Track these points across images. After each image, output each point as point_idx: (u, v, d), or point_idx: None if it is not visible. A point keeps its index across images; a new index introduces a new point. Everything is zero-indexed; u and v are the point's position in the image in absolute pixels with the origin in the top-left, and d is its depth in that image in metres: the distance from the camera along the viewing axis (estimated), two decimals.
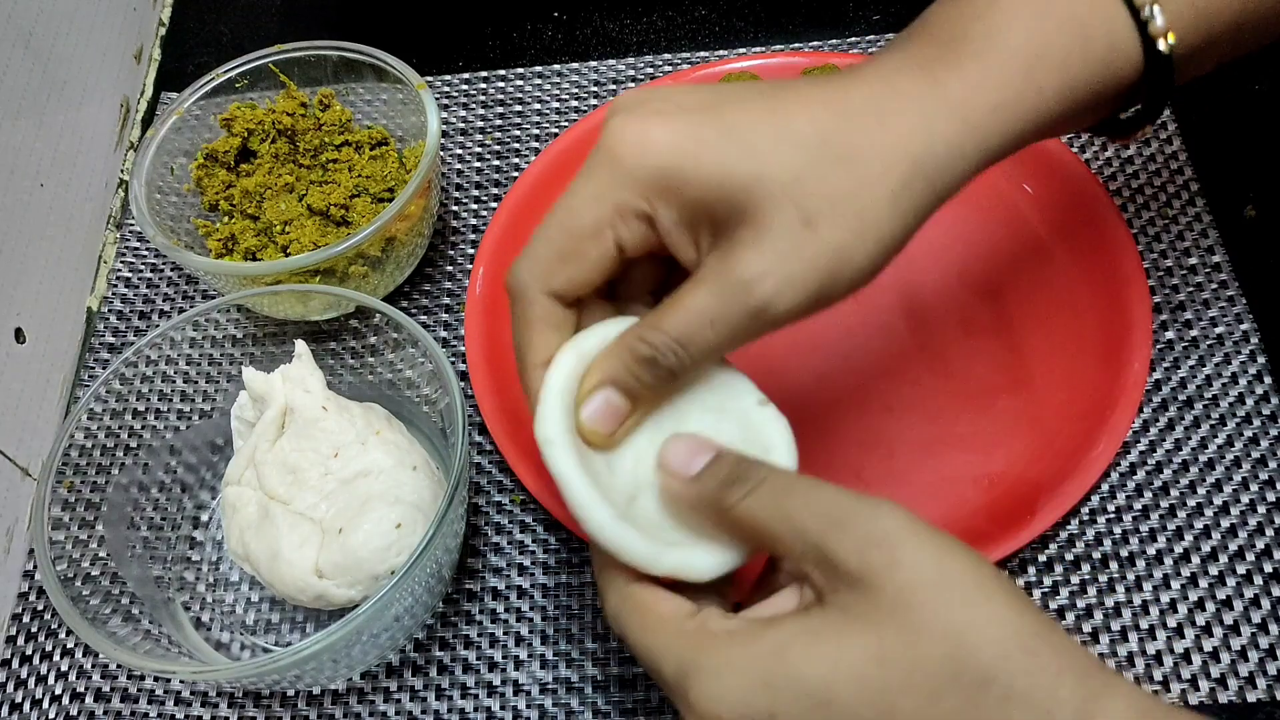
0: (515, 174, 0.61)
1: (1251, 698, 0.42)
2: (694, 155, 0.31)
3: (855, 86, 0.32)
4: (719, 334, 0.31)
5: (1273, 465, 0.47)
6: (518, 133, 0.62)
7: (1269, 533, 0.45)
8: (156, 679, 0.47)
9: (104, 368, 0.54)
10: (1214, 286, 0.52)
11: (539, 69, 0.65)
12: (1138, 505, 0.47)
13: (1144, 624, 0.44)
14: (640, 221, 0.32)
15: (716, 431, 0.34)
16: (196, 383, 0.50)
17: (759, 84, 0.33)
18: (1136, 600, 0.44)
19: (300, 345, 0.47)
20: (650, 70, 0.64)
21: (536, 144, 0.62)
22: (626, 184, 0.32)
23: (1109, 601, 0.45)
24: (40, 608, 0.49)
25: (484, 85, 0.65)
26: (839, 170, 0.31)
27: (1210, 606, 0.44)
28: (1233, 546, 0.45)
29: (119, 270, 0.60)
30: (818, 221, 0.30)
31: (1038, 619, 0.28)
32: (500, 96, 0.64)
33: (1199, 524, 0.46)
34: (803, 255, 0.31)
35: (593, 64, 0.65)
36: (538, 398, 0.34)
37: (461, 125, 0.63)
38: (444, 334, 0.55)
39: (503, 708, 0.45)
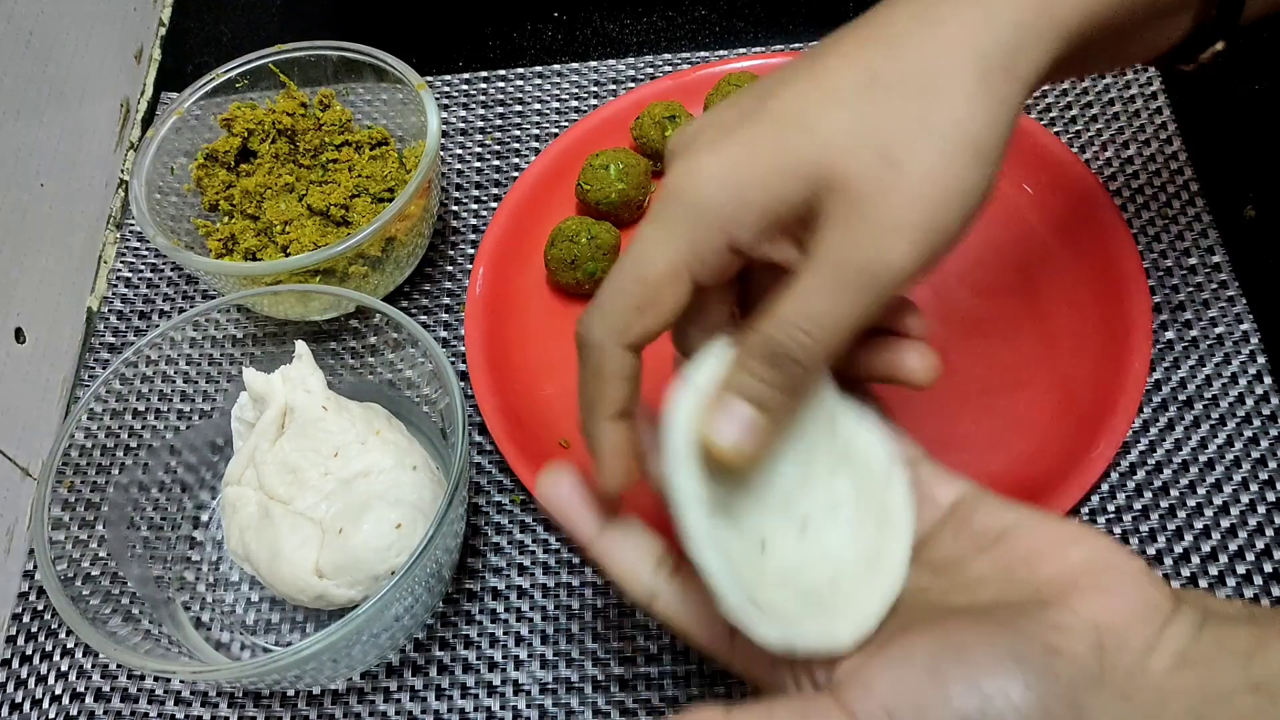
0: (515, 174, 0.61)
1: None
2: (753, 171, 0.29)
3: (894, 8, 0.30)
4: (844, 312, 0.29)
5: (1273, 465, 0.47)
6: (518, 133, 0.62)
7: (1269, 533, 0.45)
8: (156, 679, 0.47)
9: (104, 368, 0.54)
10: (1214, 286, 0.52)
11: (539, 69, 0.65)
12: (1138, 505, 0.47)
13: None
14: (722, 253, 0.30)
15: (833, 506, 0.32)
16: (196, 383, 0.50)
17: (799, 60, 0.32)
18: None
19: (300, 346, 0.47)
20: (650, 70, 0.64)
21: (536, 144, 0.62)
22: (700, 222, 0.30)
23: None
24: (40, 608, 0.49)
25: (484, 85, 0.65)
26: (903, 98, 0.28)
27: None
28: (1233, 546, 0.45)
29: (119, 270, 0.60)
30: (901, 159, 0.28)
31: None
32: (500, 96, 0.64)
33: (1199, 524, 0.46)
34: (901, 200, 0.28)
35: (593, 64, 0.65)
36: (609, 451, 0.32)
37: (461, 125, 0.63)
38: (444, 334, 0.55)
39: (503, 708, 0.45)
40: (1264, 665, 0.28)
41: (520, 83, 0.64)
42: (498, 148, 0.62)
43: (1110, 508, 0.47)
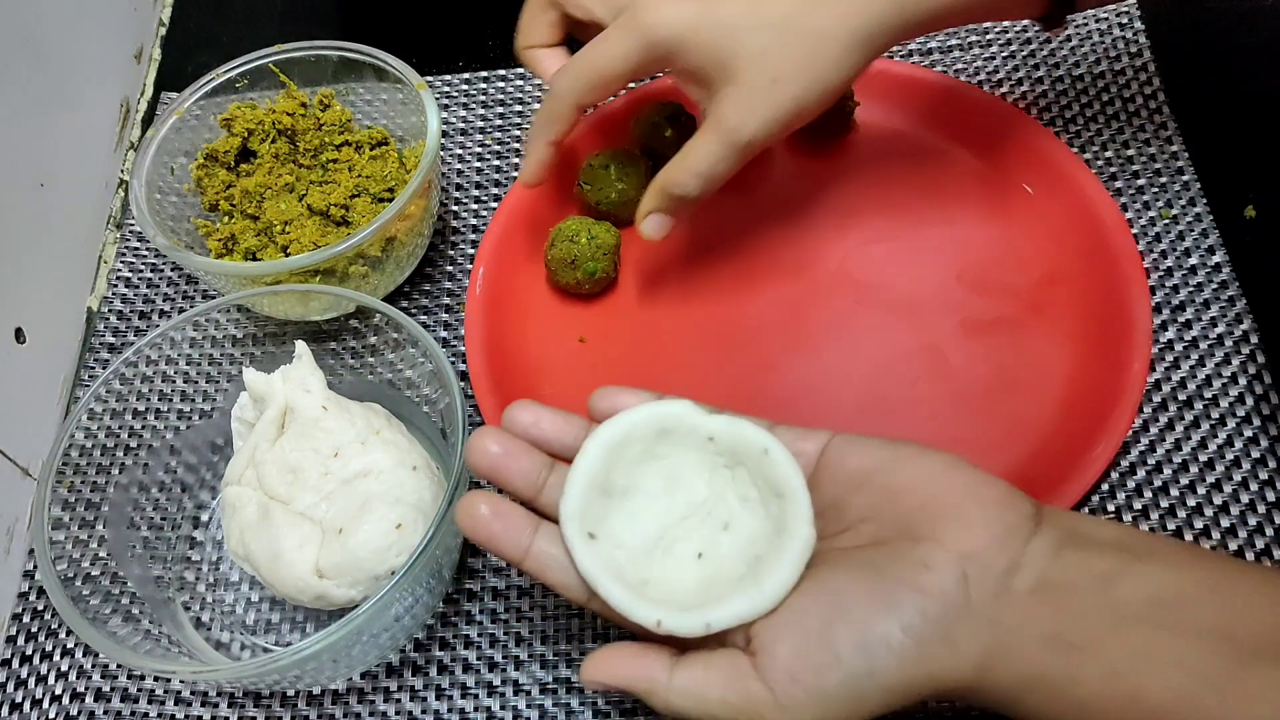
0: (515, 174, 0.60)
1: None
2: (694, 31, 0.44)
3: None
4: (725, 164, 0.45)
5: (1273, 465, 0.47)
6: (518, 133, 0.62)
7: (1269, 532, 0.45)
8: (156, 679, 0.47)
9: (104, 368, 0.54)
10: (1214, 286, 0.52)
11: None
12: (1138, 505, 0.47)
13: None
14: (652, 68, 0.46)
15: (744, 499, 0.37)
16: (196, 383, 0.50)
17: None
18: None
19: (301, 346, 0.47)
20: None
21: None
22: (645, 47, 0.44)
23: None
24: (40, 608, 0.49)
25: (484, 85, 0.65)
26: (797, 43, 0.43)
27: None
28: (1233, 546, 0.45)
29: (119, 270, 0.60)
30: (781, 81, 0.44)
31: None
32: (500, 96, 0.64)
33: (1199, 524, 0.46)
34: (771, 105, 0.44)
35: None
36: (536, 161, 0.50)
37: (461, 125, 0.63)
38: (444, 334, 0.55)
39: (503, 708, 0.45)
40: (1120, 590, 0.31)
41: (520, 83, 0.64)
42: (498, 148, 0.62)
43: (1110, 507, 0.47)
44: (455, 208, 0.60)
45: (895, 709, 0.32)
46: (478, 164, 0.61)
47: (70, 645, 0.48)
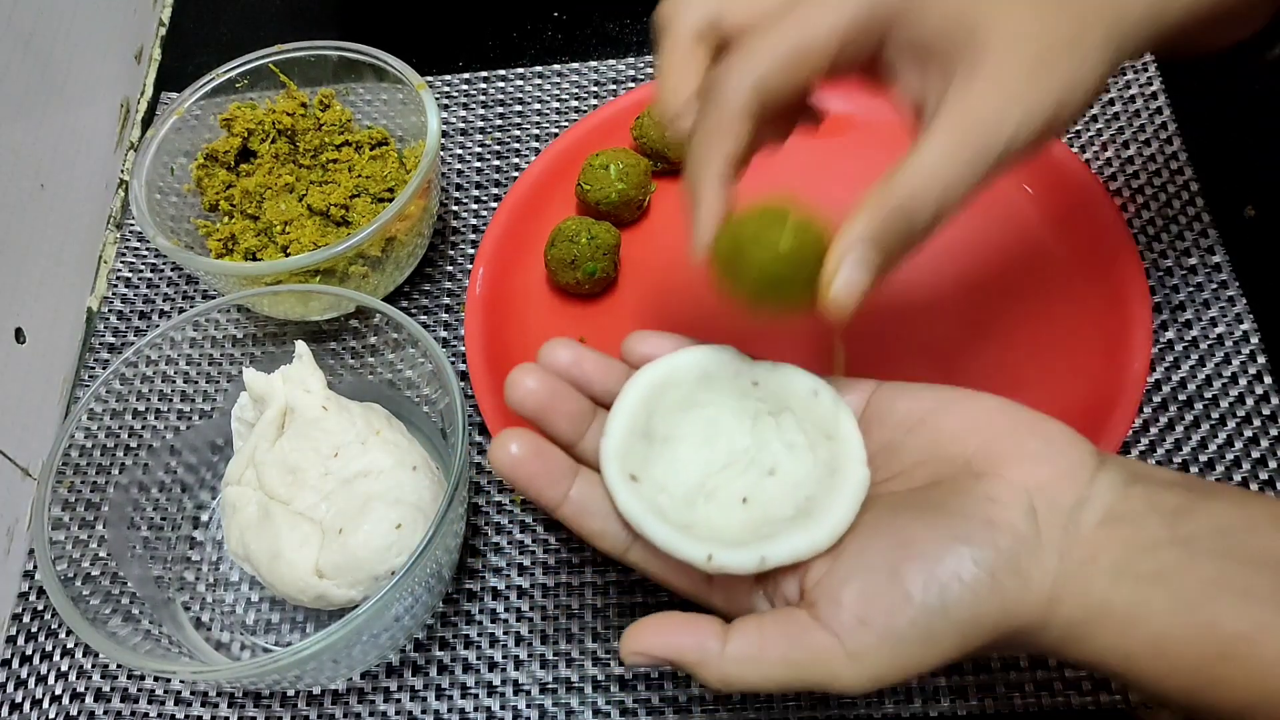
0: (515, 174, 0.61)
1: None
2: None
3: None
4: (973, 178, 0.32)
5: (1273, 465, 0.47)
6: (518, 133, 0.62)
7: None
8: (156, 679, 0.47)
9: (104, 368, 0.54)
10: (1214, 286, 0.52)
11: (539, 69, 0.65)
12: None
13: None
14: (867, 40, 0.33)
15: (790, 446, 0.36)
16: (196, 383, 0.50)
17: None
18: None
19: (301, 346, 0.47)
20: (650, 70, 0.64)
21: (536, 144, 0.62)
22: (866, 7, 0.33)
23: None
24: (40, 608, 0.49)
25: (484, 85, 0.65)
26: (1060, 21, 0.32)
27: None
28: None
29: (119, 270, 0.60)
30: (1045, 66, 0.32)
31: None
32: (500, 96, 0.64)
33: None
34: (1035, 96, 0.32)
35: (593, 64, 0.65)
36: (707, 214, 0.35)
37: (461, 125, 0.63)
38: (444, 334, 0.55)
39: (503, 708, 0.45)
40: (1189, 523, 0.30)
41: (520, 83, 0.64)
42: (498, 148, 0.62)
43: None
44: (455, 208, 0.60)
45: (963, 653, 0.31)
46: (478, 164, 0.61)
47: (70, 645, 0.48)
